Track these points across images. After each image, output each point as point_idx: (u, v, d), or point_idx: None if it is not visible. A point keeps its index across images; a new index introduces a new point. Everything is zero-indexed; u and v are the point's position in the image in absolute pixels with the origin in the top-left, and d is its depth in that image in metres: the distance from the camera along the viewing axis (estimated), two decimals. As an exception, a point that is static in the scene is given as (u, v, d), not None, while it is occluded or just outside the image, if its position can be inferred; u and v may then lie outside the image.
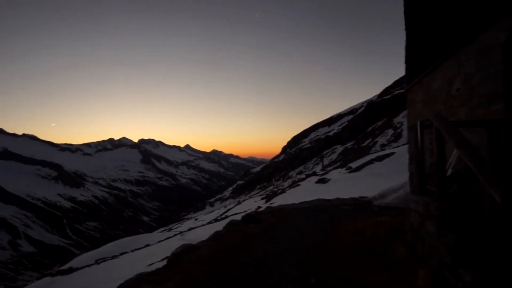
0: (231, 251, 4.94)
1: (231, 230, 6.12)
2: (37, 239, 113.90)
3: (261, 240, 5.55)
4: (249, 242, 5.41)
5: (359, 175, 22.59)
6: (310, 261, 4.41)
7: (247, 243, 5.38)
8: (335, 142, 60.00)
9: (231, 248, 5.08)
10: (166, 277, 4.32)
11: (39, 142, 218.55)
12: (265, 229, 6.37)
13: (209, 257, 4.80)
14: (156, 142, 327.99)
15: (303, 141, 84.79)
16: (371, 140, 44.41)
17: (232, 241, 5.45)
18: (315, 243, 5.31)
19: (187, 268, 4.49)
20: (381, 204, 11.00)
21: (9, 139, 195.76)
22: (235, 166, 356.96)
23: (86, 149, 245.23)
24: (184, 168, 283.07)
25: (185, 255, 5.04)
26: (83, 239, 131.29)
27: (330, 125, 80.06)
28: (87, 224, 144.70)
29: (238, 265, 4.49)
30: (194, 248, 5.35)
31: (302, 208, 8.32)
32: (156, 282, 4.29)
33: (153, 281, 4.31)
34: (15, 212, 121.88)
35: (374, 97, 65.96)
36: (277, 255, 4.86)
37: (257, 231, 6.13)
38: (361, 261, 4.11)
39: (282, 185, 48.53)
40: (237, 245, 5.29)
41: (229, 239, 5.56)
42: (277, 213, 7.71)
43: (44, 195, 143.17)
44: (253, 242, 5.42)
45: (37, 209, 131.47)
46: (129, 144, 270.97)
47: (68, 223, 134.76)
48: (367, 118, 54.77)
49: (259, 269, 4.40)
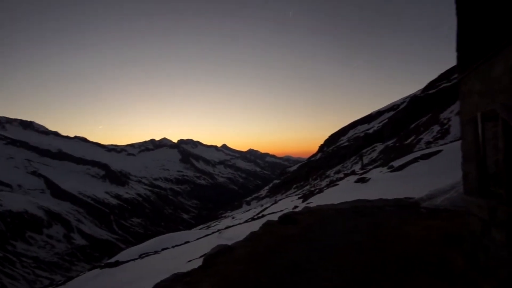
0: (267, 253, 4.74)
1: (267, 231, 5.91)
2: (88, 233, 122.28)
3: (299, 242, 5.28)
4: (285, 244, 5.17)
5: (402, 174, 21.29)
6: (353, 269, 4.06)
7: (284, 245, 5.15)
8: (375, 140, 57.52)
9: (267, 250, 4.88)
10: (201, 278, 4.23)
11: (88, 143, 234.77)
12: (303, 230, 6.08)
13: (245, 258, 4.63)
14: (195, 142, 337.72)
15: (341, 139, 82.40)
16: (415, 138, 41.92)
17: (268, 243, 5.24)
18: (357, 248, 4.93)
19: (223, 269, 4.37)
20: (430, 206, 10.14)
21: (63, 141, 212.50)
22: (271, 165, 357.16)
23: (130, 149, 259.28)
24: (221, 167, 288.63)
25: (221, 256, 4.93)
26: (128, 234, 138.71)
27: (370, 123, 76.93)
28: (132, 220, 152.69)
29: (275, 268, 4.28)
30: (229, 249, 5.22)
31: (342, 209, 7.88)
32: (191, 283, 4.21)
33: (188, 282, 4.24)
34: (69, 208, 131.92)
35: (418, 92, 62.24)
36: (316, 259, 4.57)
37: (294, 233, 5.86)
38: (412, 271, 3.68)
39: (319, 184, 47.49)
40: (274, 247, 5.07)
41: (265, 240, 5.36)
42: (315, 214, 7.37)
43: (93, 193, 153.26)
44: (290, 244, 5.18)
45: (87, 205, 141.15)
46: (169, 144, 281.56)
47: (115, 219, 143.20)
48: (410, 114, 51.79)
49: (296, 274, 4.15)
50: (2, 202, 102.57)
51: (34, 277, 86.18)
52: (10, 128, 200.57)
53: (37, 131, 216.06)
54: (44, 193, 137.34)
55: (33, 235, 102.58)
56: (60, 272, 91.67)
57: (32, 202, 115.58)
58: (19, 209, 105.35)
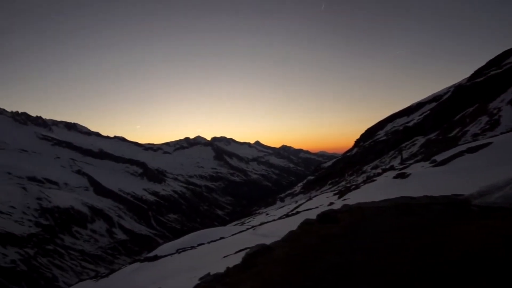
0: (308, 254, 4.44)
1: (306, 230, 5.60)
2: (128, 228, 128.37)
3: (341, 243, 4.92)
4: (327, 245, 4.83)
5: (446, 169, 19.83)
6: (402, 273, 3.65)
7: (325, 245, 4.81)
8: (415, 133, 54.60)
9: (308, 251, 4.58)
10: (241, 280, 4.04)
11: (127, 143, 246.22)
12: (344, 230, 5.68)
13: (285, 259, 4.38)
14: (228, 139, 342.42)
15: (378, 134, 79.38)
16: (460, 130, 39.17)
17: (309, 243, 4.93)
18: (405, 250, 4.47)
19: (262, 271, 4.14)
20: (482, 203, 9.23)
21: (103, 141, 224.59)
22: (305, 161, 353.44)
23: (165, 148, 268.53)
24: (254, 164, 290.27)
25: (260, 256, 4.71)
26: (166, 230, 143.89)
27: (409, 115, 73.24)
28: (169, 216, 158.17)
29: (317, 270, 3.97)
30: (269, 249, 4.99)
31: (384, 207, 7.35)
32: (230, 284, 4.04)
33: (228, 283, 4.07)
34: (110, 204, 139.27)
35: (463, 81, 58.17)
36: (361, 262, 4.20)
37: (335, 232, 5.49)
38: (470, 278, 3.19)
39: (355, 180, 46.03)
40: (314, 248, 4.76)
41: (304, 240, 5.06)
42: (355, 212, 6.91)
43: (132, 190, 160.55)
44: (331, 245, 4.83)
45: (127, 202, 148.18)
46: (203, 142, 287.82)
47: (153, 215, 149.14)
48: (454, 105, 48.48)
49: (341, 278, 3.81)
50: (50, 199, 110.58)
51: (81, 268, 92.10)
52: (56, 130, 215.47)
53: (80, 132, 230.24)
54: (88, 190, 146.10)
55: (79, 230, 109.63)
56: (104, 265, 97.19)
57: (77, 199, 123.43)
58: (66, 205, 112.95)
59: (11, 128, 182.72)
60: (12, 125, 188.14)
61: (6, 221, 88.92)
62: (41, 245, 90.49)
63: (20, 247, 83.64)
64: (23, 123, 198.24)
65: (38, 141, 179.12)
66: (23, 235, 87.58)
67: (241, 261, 4.71)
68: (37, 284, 76.29)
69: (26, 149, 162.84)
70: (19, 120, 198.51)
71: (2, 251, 78.71)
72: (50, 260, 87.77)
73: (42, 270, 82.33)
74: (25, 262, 79.64)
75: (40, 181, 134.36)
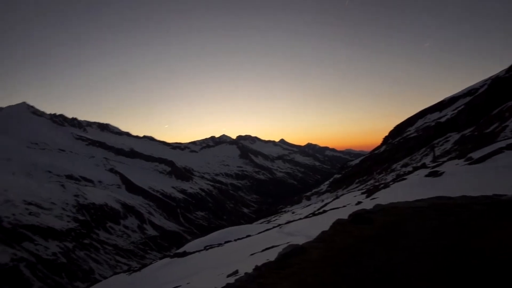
0: (343, 256, 4.35)
1: (339, 231, 5.50)
2: (158, 224, 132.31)
3: (377, 245, 4.78)
4: (362, 246, 4.72)
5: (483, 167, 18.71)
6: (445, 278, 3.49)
7: (360, 247, 4.70)
8: (448, 129, 52.08)
9: (343, 253, 4.49)
10: (275, 281, 4.02)
11: (156, 142, 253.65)
12: (380, 231, 5.52)
13: (320, 261, 4.31)
14: (253, 137, 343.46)
15: (408, 130, 76.47)
16: (498, 125, 36.88)
17: (343, 244, 4.84)
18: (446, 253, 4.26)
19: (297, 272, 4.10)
20: (527, 204, 8.65)
21: (134, 141, 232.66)
22: (331, 159, 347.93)
23: (192, 147, 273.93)
24: (279, 162, 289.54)
25: (294, 257, 4.67)
26: (193, 227, 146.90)
27: (442, 110, 69.83)
28: (196, 213, 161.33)
29: (354, 273, 3.88)
30: (302, 249, 4.94)
31: (420, 207, 7.06)
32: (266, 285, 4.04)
33: (263, 284, 4.07)
34: (141, 202, 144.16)
35: (501, 73, 54.69)
36: (399, 265, 4.05)
37: (370, 234, 5.35)
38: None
39: (384, 178, 44.67)
40: (349, 249, 4.66)
41: (338, 241, 4.96)
42: (389, 212, 6.70)
43: (161, 188, 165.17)
44: (367, 247, 4.71)
45: (157, 199, 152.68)
46: (228, 141, 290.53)
47: (181, 212, 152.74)
48: (491, 98, 45.69)
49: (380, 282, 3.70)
50: (86, 196, 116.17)
51: (114, 262, 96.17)
52: (90, 131, 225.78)
53: (112, 132, 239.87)
54: (120, 188, 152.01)
55: (112, 225, 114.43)
56: (136, 259, 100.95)
57: (111, 196, 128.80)
58: (100, 202, 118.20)
59: (50, 129, 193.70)
60: (51, 126, 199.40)
61: (48, 216, 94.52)
62: (79, 239, 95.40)
63: (60, 240, 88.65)
64: (61, 125, 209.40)
65: (74, 141, 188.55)
66: (62, 230, 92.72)
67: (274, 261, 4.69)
68: (76, 275, 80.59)
69: (64, 149, 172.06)
70: (57, 122, 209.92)
71: (44, 244, 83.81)
72: (87, 254, 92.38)
73: (79, 263, 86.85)
74: (64, 254, 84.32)
75: (77, 179, 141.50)
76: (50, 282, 73.40)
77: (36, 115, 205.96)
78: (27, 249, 78.66)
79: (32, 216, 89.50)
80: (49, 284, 72.82)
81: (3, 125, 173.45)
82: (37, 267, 74.59)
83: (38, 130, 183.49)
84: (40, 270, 74.71)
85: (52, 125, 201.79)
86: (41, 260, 77.83)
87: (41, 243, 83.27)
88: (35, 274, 72.40)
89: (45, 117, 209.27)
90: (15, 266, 69.42)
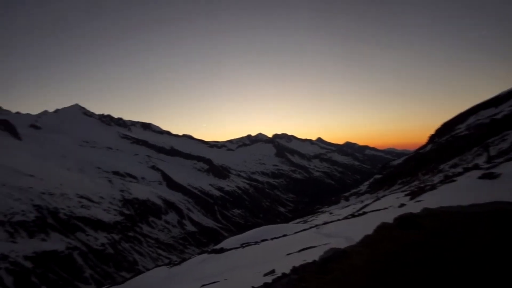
0: (390, 263, 4.05)
1: (384, 236, 5.16)
2: (196, 221, 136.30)
3: (427, 253, 4.40)
4: (410, 254, 4.37)
5: (550, 169, 16.92)
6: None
7: (408, 254, 4.36)
8: (506, 127, 47.59)
9: (389, 260, 4.18)
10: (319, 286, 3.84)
11: (194, 140, 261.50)
12: (429, 237, 5.09)
13: (364, 268, 4.05)
14: (289, 136, 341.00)
15: (457, 128, 71.18)
16: None
17: (389, 250, 4.52)
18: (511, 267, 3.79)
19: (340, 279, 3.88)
20: None
21: (174, 139, 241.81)
22: (371, 158, 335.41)
23: (229, 145, 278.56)
24: (316, 161, 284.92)
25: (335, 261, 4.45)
26: (230, 224, 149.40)
27: (498, 106, 63.72)
28: (233, 211, 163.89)
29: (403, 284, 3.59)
30: (344, 254, 4.70)
31: (476, 213, 6.42)
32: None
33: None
34: (180, 198, 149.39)
35: None
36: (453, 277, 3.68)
37: (418, 240, 4.95)
38: None
39: (430, 180, 42.06)
40: (396, 256, 4.33)
41: (384, 247, 4.64)
42: (440, 218, 6.16)
43: (199, 185, 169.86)
44: (416, 254, 4.35)
45: (195, 196, 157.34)
46: (264, 139, 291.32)
47: (218, 209, 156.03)
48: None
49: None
50: (131, 191, 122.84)
51: (156, 255, 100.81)
52: (134, 130, 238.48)
53: (154, 131, 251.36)
54: (161, 184, 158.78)
55: (154, 220, 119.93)
56: (176, 253, 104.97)
57: (153, 192, 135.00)
58: (143, 197, 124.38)
59: (99, 128, 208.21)
60: (99, 126, 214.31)
61: (97, 209, 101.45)
62: (124, 231, 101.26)
63: (108, 232, 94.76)
64: (108, 124, 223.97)
65: (120, 140, 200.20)
66: (110, 222, 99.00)
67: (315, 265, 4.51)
68: (122, 266, 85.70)
69: (111, 147, 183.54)
70: (104, 122, 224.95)
71: (94, 235, 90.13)
72: (131, 246, 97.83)
73: (125, 254, 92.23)
74: (112, 245, 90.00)
75: (122, 175, 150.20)
76: (100, 271, 78.72)
77: (86, 116, 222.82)
78: (80, 239, 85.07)
79: (84, 209, 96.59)
80: (99, 272, 78.14)
81: (59, 125, 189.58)
82: (88, 256, 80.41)
83: (89, 129, 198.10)
84: (91, 259, 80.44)
85: (100, 125, 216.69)
86: (92, 249, 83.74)
87: (91, 234, 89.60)
88: (87, 262, 78.13)
89: (95, 117, 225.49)
90: (69, 254, 75.40)
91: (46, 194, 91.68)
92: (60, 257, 72.89)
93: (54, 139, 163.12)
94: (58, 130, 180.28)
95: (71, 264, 73.69)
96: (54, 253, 72.34)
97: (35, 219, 79.12)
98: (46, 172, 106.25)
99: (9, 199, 79.59)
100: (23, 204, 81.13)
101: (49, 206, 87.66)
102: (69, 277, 70.32)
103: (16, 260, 63.01)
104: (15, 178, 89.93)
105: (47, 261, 69.34)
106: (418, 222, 5.61)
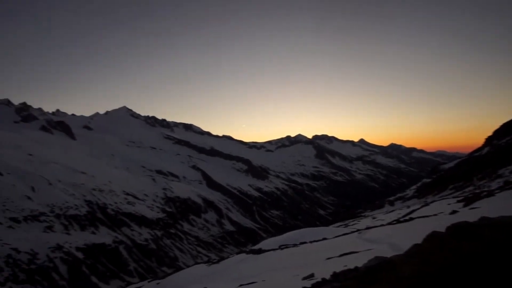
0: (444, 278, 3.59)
1: (435, 246, 4.62)
2: (235, 220, 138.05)
3: (487, 268, 3.85)
4: (467, 268, 3.85)
5: None
6: None
7: (465, 268, 3.84)
8: None
9: (441, 273, 3.71)
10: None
11: (233, 141, 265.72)
12: (487, 251, 4.48)
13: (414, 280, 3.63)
14: (329, 137, 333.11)
15: (518, 130, 64.75)
16: None
17: (440, 262, 4.02)
18: None
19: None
20: None
21: (214, 140, 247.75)
22: (419, 161, 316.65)
23: (268, 146, 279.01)
24: (359, 163, 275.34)
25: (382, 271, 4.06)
26: (268, 225, 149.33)
27: None
28: (271, 212, 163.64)
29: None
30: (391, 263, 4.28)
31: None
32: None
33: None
34: (220, 197, 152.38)
35: None
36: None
37: (475, 251, 4.36)
38: None
39: (487, 185, 38.59)
40: (449, 269, 3.84)
41: (435, 258, 4.14)
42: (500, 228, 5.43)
43: (238, 185, 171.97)
44: (474, 269, 3.82)
45: (234, 196, 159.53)
46: (304, 140, 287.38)
47: (257, 210, 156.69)
48: None
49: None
50: (173, 190, 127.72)
51: (196, 252, 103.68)
52: (177, 130, 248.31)
53: (195, 132, 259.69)
54: (201, 183, 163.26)
55: (194, 218, 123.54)
56: (215, 252, 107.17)
57: (194, 191, 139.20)
58: (185, 196, 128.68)
59: (144, 129, 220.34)
60: (145, 127, 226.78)
61: (141, 206, 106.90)
62: (166, 228, 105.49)
63: (151, 228, 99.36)
64: (152, 125, 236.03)
65: (163, 140, 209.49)
66: (152, 219, 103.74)
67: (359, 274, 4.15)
68: (163, 261, 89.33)
69: (154, 147, 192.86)
70: (149, 123, 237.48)
71: (139, 230, 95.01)
72: (172, 242, 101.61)
73: (166, 250, 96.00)
74: (154, 241, 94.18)
75: (165, 174, 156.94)
76: (143, 265, 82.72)
77: (133, 117, 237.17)
78: (125, 233, 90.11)
79: (129, 205, 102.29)
80: (142, 266, 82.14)
81: (109, 126, 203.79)
82: (132, 250, 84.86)
83: (135, 130, 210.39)
84: (135, 253, 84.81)
85: (145, 126, 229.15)
86: (136, 244, 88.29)
87: (136, 229, 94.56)
88: (131, 256, 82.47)
89: (140, 119, 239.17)
90: (116, 247, 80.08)
91: (96, 190, 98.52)
92: (108, 250, 77.66)
93: (104, 139, 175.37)
94: (108, 130, 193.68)
95: (117, 257, 78.20)
96: (102, 245, 77.25)
97: (86, 213, 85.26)
98: (96, 170, 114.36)
99: (64, 194, 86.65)
100: (76, 199, 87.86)
101: (99, 201, 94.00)
102: (115, 269, 74.65)
103: (70, 251, 68.18)
104: (69, 175, 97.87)
105: (96, 253, 74.22)
106: (476, 233, 4.97)
